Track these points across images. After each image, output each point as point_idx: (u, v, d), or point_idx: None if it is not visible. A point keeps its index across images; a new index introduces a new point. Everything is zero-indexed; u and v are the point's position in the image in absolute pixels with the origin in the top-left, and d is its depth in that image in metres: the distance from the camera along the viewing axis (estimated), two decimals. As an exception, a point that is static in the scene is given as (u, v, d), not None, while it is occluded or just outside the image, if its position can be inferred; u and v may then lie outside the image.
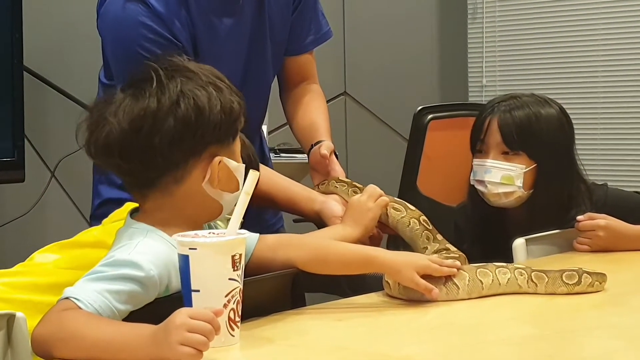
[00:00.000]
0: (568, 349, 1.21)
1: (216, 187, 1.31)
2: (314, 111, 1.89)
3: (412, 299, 1.41)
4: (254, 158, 1.61)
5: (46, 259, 1.42)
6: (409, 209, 1.68)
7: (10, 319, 1.19)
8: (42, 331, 1.14)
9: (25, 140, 2.61)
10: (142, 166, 1.28)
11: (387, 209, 1.67)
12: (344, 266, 1.42)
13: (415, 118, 2.90)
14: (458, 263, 1.45)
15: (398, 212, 1.68)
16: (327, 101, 2.00)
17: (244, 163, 1.36)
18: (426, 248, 1.66)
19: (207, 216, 1.35)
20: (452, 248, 1.64)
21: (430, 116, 2.90)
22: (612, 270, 1.56)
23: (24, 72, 2.61)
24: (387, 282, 1.46)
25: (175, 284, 1.24)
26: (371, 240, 1.67)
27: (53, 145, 2.86)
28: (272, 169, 1.94)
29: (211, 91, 1.29)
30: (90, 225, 1.79)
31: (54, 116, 2.86)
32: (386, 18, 3.72)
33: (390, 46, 3.71)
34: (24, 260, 1.46)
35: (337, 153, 1.84)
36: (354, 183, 1.74)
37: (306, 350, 1.20)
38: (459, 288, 1.42)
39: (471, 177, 2.04)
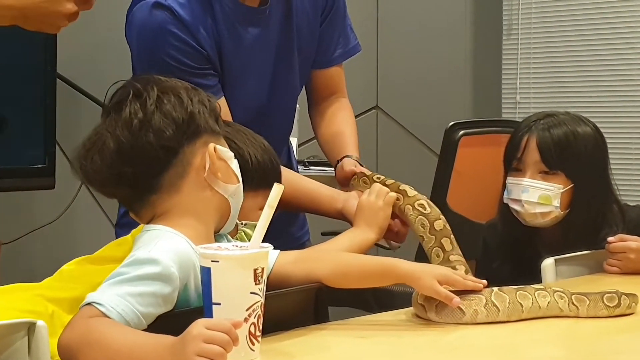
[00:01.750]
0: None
1: (218, 177, 1.31)
2: (341, 123, 1.89)
3: (433, 320, 1.39)
4: (276, 162, 1.60)
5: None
6: (407, 195, 1.64)
7: (31, 327, 1.19)
8: (67, 338, 1.15)
9: (57, 147, 2.63)
10: (146, 165, 1.29)
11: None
12: (364, 278, 1.41)
13: (447, 133, 2.88)
14: (485, 282, 1.43)
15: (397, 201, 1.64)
16: (359, 115, 1.99)
17: (266, 167, 1.34)
18: (422, 238, 1.61)
19: (217, 215, 1.34)
20: (448, 245, 1.59)
21: (462, 132, 2.88)
22: (642, 293, 1.53)
23: (57, 80, 2.64)
24: (418, 303, 1.43)
25: (194, 284, 1.24)
26: (398, 236, 1.65)
27: (84, 152, 2.87)
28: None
29: (186, 89, 1.33)
30: (116, 233, 1.80)
31: (86, 124, 2.87)
32: (420, 32, 3.71)
33: (424, 60, 3.69)
34: (52, 267, 1.46)
35: (362, 164, 1.83)
36: (394, 184, 1.67)
37: (327, 367, 1.19)
38: (499, 310, 1.40)
39: (505, 196, 2.01)
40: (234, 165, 1.35)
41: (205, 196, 1.32)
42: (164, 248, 1.23)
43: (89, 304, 1.17)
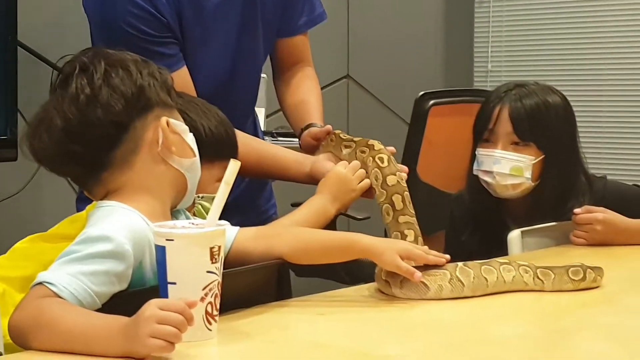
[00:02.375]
0: (554, 351, 1.18)
1: (172, 152, 1.28)
2: (305, 92, 1.85)
3: (396, 296, 1.38)
4: (231, 132, 1.56)
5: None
6: (373, 149, 1.58)
7: (-17, 307, 1.16)
8: (18, 319, 1.12)
9: (19, 117, 2.58)
10: (94, 144, 1.25)
11: (340, 147, 1.62)
12: (326, 254, 1.39)
13: (417, 103, 2.85)
14: (447, 257, 1.42)
15: (350, 149, 1.60)
16: (329, 84, 1.96)
17: (221, 138, 1.32)
18: (374, 191, 1.55)
19: (173, 190, 1.31)
20: (399, 204, 1.52)
21: (432, 101, 2.85)
22: (607, 265, 1.52)
23: (18, 48, 2.57)
24: (382, 279, 1.41)
25: (150, 261, 1.21)
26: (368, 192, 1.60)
27: (48, 123, 2.82)
28: None
29: (135, 62, 1.29)
30: (77, 208, 1.76)
31: (48, 93, 2.82)
32: (391, 0, 3.67)
33: (395, 29, 3.66)
34: (16, 240, 1.42)
35: None
36: (361, 141, 1.61)
37: (284, 347, 1.16)
38: (464, 285, 1.38)
39: (475, 167, 1.99)
40: (189, 138, 1.32)
41: (159, 171, 1.28)
42: (117, 225, 1.20)
43: (40, 283, 1.14)
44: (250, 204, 1.87)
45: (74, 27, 1.67)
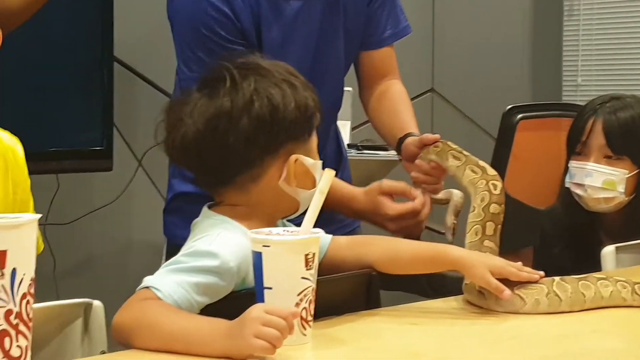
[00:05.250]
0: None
1: (293, 185, 1.30)
2: (398, 103, 1.85)
3: (492, 309, 1.37)
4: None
5: None
6: (486, 172, 1.60)
7: (87, 307, 1.21)
8: (122, 319, 1.16)
9: (115, 130, 2.67)
10: (218, 165, 1.29)
11: (447, 156, 1.61)
12: (415, 263, 1.40)
13: (504, 117, 2.82)
14: (541, 273, 1.40)
15: (458, 161, 1.61)
16: (414, 98, 1.96)
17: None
18: (473, 209, 1.55)
19: (284, 212, 1.36)
20: (490, 230, 1.52)
21: (520, 115, 2.82)
22: None
23: (115, 63, 2.66)
24: (475, 289, 1.39)
25: (252, 277, 1.23)
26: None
27: (141, 135, 2.91)
28: (348, 165, 1.92)
29: (285, 89, 1.29)
30: (164, 220, 1.80)
31: (142, 107, 2.91)
32: (477, 13, 3.65)
33: (481, 42, 3.63)
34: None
35: None
36: (472, 158, 1.62)
37: (377, 354, 1.17)
38: (561, 300, 1.36)
39: (567, 180, 1.96)
40: (316, 171, 1.31)
41: (274, 198, 1.31)
42: (225, 242, 1.23)
43: (146, 287, 1.18)
44: (333, 216, 1.88)
45: (169, 43, 1.72)
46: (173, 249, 1.59)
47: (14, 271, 0.95)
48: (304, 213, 1.24)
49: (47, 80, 2.49)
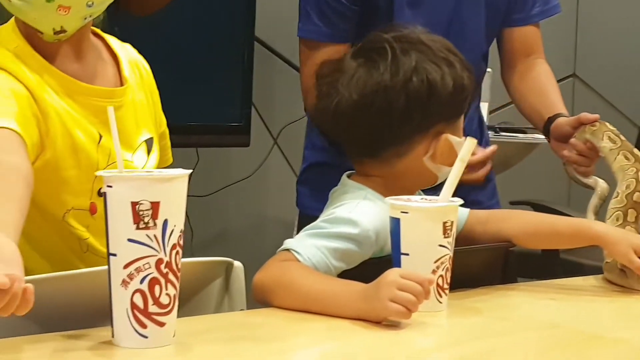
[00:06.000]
0: None
1: (436, 163, 1.30)
2: (545, 83, 1.79)
3: (633, 288, 1.33)
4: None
5: None
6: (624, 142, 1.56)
7: (228, 266, 1.25)
8: (262, 278, 1.20)
9: (252, 108, 2.73)
10: (367, 138, 1.30)
11: (603, 136, 1.57)
12: (555, 238, 1.37)
13: (650, 104, 2.71)
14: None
15: (613, 144, 1.56)
16: (554, 82, 1.90)
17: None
18: (617, 194, 1.51)
19: (421, 185, 1.36)
20: (632, 217, 1.47)
21: (667, 102, 2.70)
22: None
23: (255, 42, 2.72)
24: (617, 268, 1.35)
25: (390, 245, 1.24)
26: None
27: (277, 113, 2.97)
28: (488, 145, 1.88)
29: (444, 68, 1.27)
30: (297, 190, 1.83)
31: (279, 86, 2.97)
32: (623, -4, 3.51)
33: (626, 26, 3.49)
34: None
35: None
36: (627, 144, 1.57)
37: (515, 324, 1.17)
38: None
39: None
40: (460, 148, 1.27)
41: (415, 173, 1.31)
42: (365, 210, 1.25)
43: (286, 249, 1.21)
44: (470, 198, 1.85)
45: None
46: (304, 219, 1.62)
47: (165, 222, 0.99)
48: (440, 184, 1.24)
49: (191, 58, 2.57)
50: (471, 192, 1.83)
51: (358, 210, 1.25)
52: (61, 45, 1.28)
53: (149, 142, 1.37)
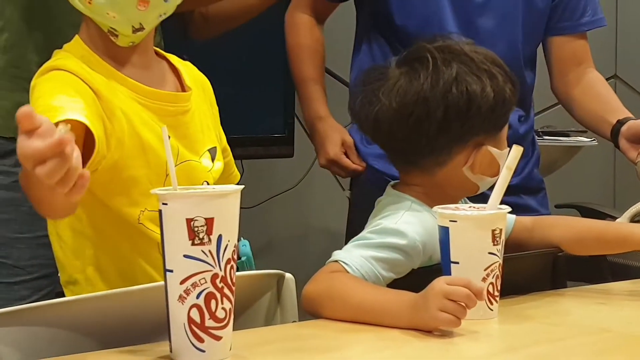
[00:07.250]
0: None
1: (476, 173, 1.31)
2: (605, 92, 1.82)
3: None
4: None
5: None
6: None
7: (280, 278, 1.27)
8: (312, 290, 1.21)
9: (295, 118, 2.75)
10: (407, 147, 1.31)
11: None
12: (601, 244, 1.37)
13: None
14: None
15: None
16: (596, 84, 1.90)
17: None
18: None
19: (464, 194, 1.37)
20: None
21: None
22: None
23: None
24: None
25: (438, 255, 1.25)
26: None
27: (320, 123, 2.98)
28: (537, 147, 1.89)
29: (485, 80, 1.28)
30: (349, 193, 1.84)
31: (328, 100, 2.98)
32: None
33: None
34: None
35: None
36: None
37: (567, 330, 1.17)
38: None
39: None
40: (502, 160, 1.29)
41: (456, 183, 1.32)
42: (411, 220, 1.26)
43: (335, 260, 1.23)
44: (522, 205, 1.85)
45: (347, 35, 1.76)
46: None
47: (219, 237, 1.01)
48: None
49: (234, 71, 2.60)
50: (521, 196, 1.84)
51: (404, 220, 1.26)
52: (128, 54, 1.31)
53: (212, 151, 1.39)
